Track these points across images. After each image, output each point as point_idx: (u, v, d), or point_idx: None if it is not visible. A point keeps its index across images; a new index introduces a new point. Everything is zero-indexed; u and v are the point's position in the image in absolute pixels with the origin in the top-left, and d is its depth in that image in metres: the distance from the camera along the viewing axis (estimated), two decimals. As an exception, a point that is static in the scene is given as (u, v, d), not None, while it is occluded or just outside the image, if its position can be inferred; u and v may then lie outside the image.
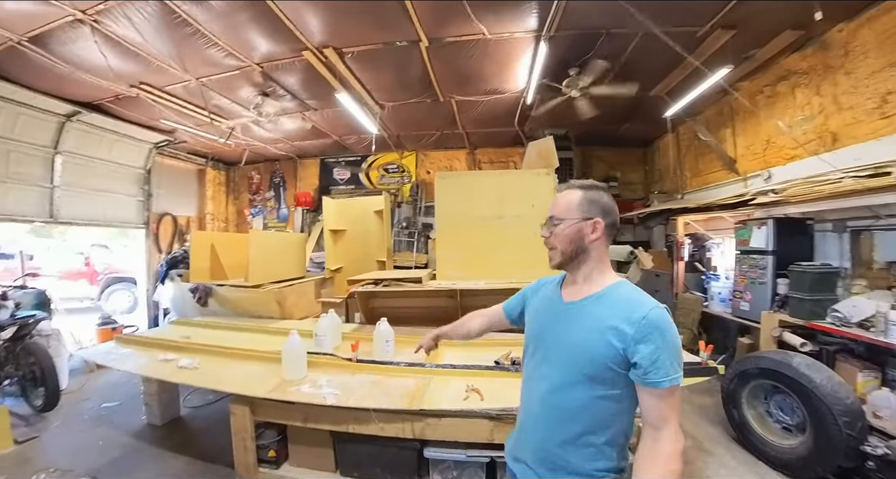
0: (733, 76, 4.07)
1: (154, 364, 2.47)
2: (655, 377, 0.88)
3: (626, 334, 0.91)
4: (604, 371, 0.93)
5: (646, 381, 0.89)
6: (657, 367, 0.88)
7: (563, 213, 1.04)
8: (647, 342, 0.89)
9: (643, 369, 0.89)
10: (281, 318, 3.52)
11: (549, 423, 1.01)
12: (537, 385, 1.05)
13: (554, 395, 1.00)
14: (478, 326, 1.41)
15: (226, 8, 2.84)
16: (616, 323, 0.93)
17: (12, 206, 4.32)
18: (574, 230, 1.02)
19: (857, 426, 2.15)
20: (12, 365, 3.31)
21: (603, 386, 0.94)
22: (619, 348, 0.91)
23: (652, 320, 0.90)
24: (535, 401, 1.05)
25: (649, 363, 0.88)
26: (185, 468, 2.53)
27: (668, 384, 0.88)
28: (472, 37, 3.23)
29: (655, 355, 0.88)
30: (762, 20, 3.15)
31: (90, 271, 7.95)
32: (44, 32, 3.10)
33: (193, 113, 4.72)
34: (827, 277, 2.96)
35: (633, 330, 0.90)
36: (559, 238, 1.03)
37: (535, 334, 1.11)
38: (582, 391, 0.96)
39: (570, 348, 0.99)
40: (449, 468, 1.83)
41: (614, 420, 0.97)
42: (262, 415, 2.00)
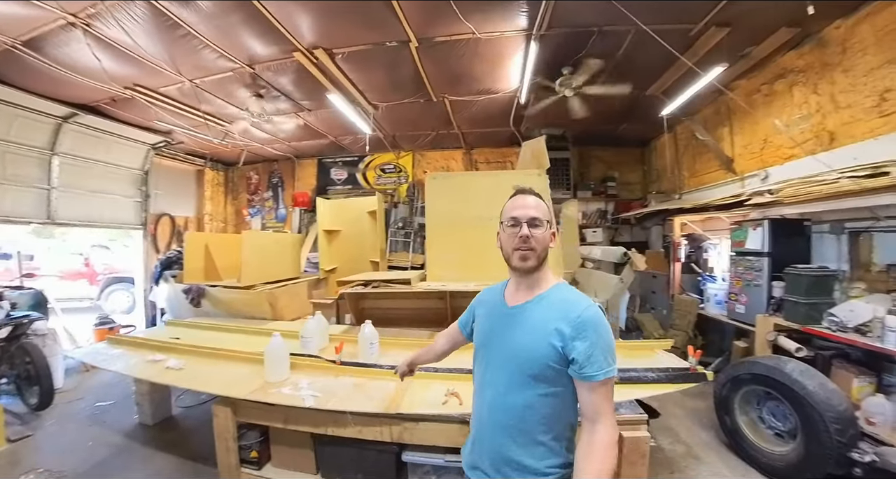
0: (730, 74, 4.02)
1: (142, 365, 2.48)
2: (590, 371, 0.93)
3: (564, 333, 0.96)
4: (546, 370, 0.97)
5: (582, 375, 0.94)
6: (591, 362, 0.93)
7: (544, 217, 1.06)
8: (582, 339, 0.94)
9: (579, 365, 0.94)
10: (273, 319, 3.53)
11: (499, 426, 1.03)
12: (485, 391, 1.08)
13: (500, 398, 1.03)
14: (441, 347, 1.43)
15: (215, 10, 2.84)
16: (555, 323, 0.97)
17: (9, 207, 4.36)
18: (549, 236, 1.07)
19: (849, 434, 2.11)
20: (7, 364, 3.35)
21: (546, 385, 0.98)
22: (559, 346, 0.96)
23: (586, 319, 0.96)
24: (485, 407, 1.07)
25: (585, 359, 0.93)
26: (173, 467, 2.55)
27: (603, 377, 0.93)
28: (461, 36, 3.20)
29: (590, 350, 0.93)
30: (757, 17, 3.10)
31: (90, 271, 8.03)
32: (37, 36, 3.13)
33: (189, 114, 4.74)
34: (823, 280, 2.90)
35: (570, 329, 0.95)
36: (539, 241, 1.04)
37: (480, 342, 1.14)
38: (526, 391, 0.99)
39: (514, 350, 1.02)
40: (428, 472, 1.81)
41: (559, 417, 1.01)
42: (244, 416, 2.00)
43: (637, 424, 1.72)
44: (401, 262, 6.00)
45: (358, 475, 1.91)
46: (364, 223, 4.65)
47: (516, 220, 1.05)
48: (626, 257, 3.45)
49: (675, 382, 2.05)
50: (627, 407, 1.79)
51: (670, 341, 2.64)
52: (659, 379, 2.04)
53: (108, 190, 5.52)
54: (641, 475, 1.70)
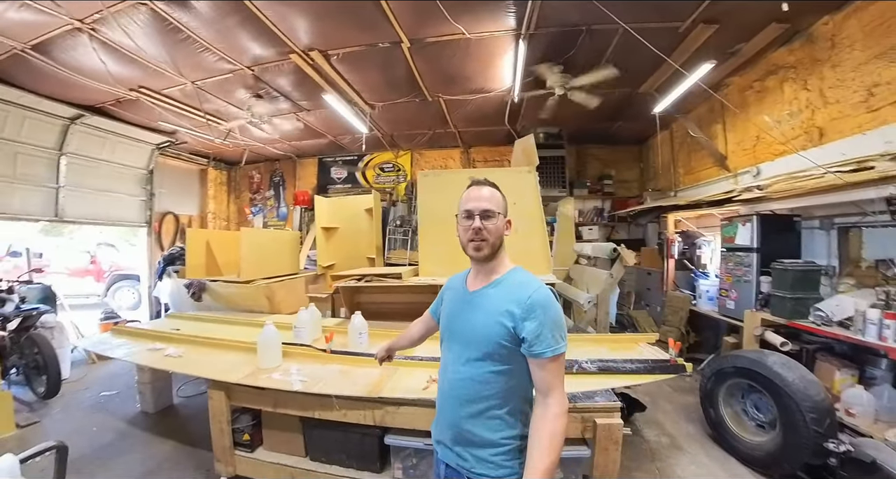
0: (722, 71, 4.04)
1: (143, 353, 2.59)
2: (539, 348, 0.99)
3: (514, 314, 1.01)
4: (499, 349, 1.03)
5: (532, 352, 1.00)
6: (540, 340, 0.99)
7: (497, 207, 1.11)
8: (531, 319, 0.99)
9: (529, 343, 0.99)
10: (270, 312, 3.63)
11: (457, 401, 1.09)
12: (447, 369, 1.15)
13: (458, 374, 1.09)
14: (417, 332, 1.51)
15: (214, 14, 2.94)
16: (507, 306, 1.03)
17: (19, 205, 4.52)
18: (502, 226, 1.12)
19: (825, 423, 2.15)
20: (17, 355, 3.49)
21: (499, 362, 1.04)
22: (510, 326, 1.02)
23: (536, 300, 1.01)
24: (446, 383, 1.15)
25: (534, 337, 0.99)
26: (170, 452, 2.67)
27: (551, 354, 0.99)
28: (452, 37, 3.27)
29: (539, 329, 0.99)
30: (745, 14, 3.12)
31: (96, 268, 8.23)
32: (45, 40, 3.26)
33: (191, 115, 4.87)
34: (809, 275, 2.93)
35: (521, 310, 1.01)
36: (491, 232, 1.09)
37: (444, 324, 1.21)
38: (481, 368, 1.05)
39: (471, 330, 1.09)
40: (409, 455, 1.89)
41: (513, 392, 1.06)
42: (237, 400, 2.10)
43: (611, 411, 1.77)
44: (399, 259, 6.08)
45: (343, 458, 1.99)
46: (361, 221, 4.74)
47: (469, 212, 1.10)
48: (615, 253, 3.50)
49: (653, 373, 2.10)
50: (603, 396, 1.84)
51: (655, 335, 2.68)
52: (637, 370, 2.09)
53: (114, 189, 5.68)
54: (615, 460, 1.76)
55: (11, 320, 3.53)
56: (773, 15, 3.14)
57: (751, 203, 3.61)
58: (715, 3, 2.91)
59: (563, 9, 2.91)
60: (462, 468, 1.07)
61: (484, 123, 5.48)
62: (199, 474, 2.41)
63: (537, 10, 2.88)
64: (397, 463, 1.91)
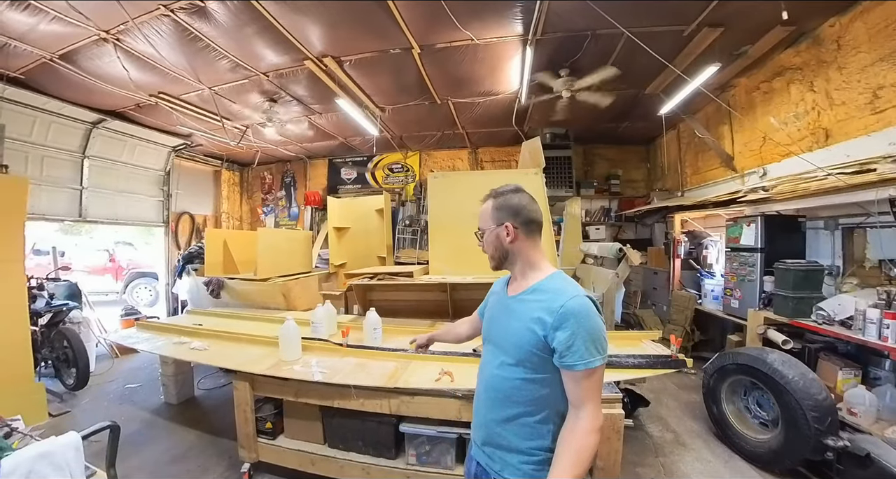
0: (728, 73, 4.08)
1: (169, 346, 2.75)
2: (570, 361, 0.94)
3: (546, 322, 0.98)
4: (531, 356, 1.01)
5: (563, 364, 0.96)
6: (572, 351, 0.94)
7: (483, 224, 1.16)
8: (563, 329, 0.95)
9: (559, 354, 0.96)
10: (286, 309, 3.77)
11: (490, 404, 1.10)
12: (483, 372, 1.16)
13: (493, 377, 1.10)
14: (465, 331, 1.51)
15: (232, 24, 3.08)
16: (539, 313, 1.01)
17: (45, 206, 4.75)
18: (493, 237, 1.13)
19: (827, 421, 2.18)
20: (48, 348, 3.69)
21: (531, 370, 1.02)
22: (541, 335, 0.99)
23: (569, 309, 0.96)
24: (481, 385, 1.16)
25: (565, 348, 0.95)
26: (195, 440, 2.83)
27: (583, 367, 0.94)
28: (461, 43, 3.37)
29: (570, 340, 0.94)
30: (751, 17, 3.16)
31: (115, 266, 8.51)
32: (72, 50, 3.43)
33: (207, 118, 5.04)
34: (812, 274, 2.97)
35: (552, 319, 0.97)
36: (487, 246, 1.15)
37: (486, 328, 1.22)
38: (514, 373, 1.04)
39: (506, 335, 1.09)
40: (423, 442, 2.00)
41: (546, 402, 1.03)
42: (260, 390, 2.23)
43: (613, 402, 1.86)
44: (408, 258, 6.20)
45: (360, 445, 2.11)
46: (372, 221, 4.87)
47: None
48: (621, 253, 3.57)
49: (655, 367, 2.18)
50: (606, 388, 1.93)
51: (658, 332, 2.76)
52: (639, 365, 2.17)
53: (134, 190, 5.90)
54: (617, 450, 1.85)
55: (42, 315, 3.74)
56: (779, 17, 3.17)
57: (756, 204, 3.65)
58: (720, 6, 2.96)
59: (569, 15, 2.99)
60: (490, 468, 1.08)
61: (491, 124, 5.57)
62: (222, 460, 2.56)
63: (544, 16, 2.96)
64: (411, 450, 2.03)
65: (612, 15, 2.83)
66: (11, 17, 2.96)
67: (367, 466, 2.09)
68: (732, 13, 3.08)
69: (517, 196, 1.13)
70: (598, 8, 2.73)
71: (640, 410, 3.15)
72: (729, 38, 3.39)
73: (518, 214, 1.10)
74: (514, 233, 1.10)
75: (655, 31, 3.20)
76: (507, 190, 1.15)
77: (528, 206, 1.12)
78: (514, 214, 1.10)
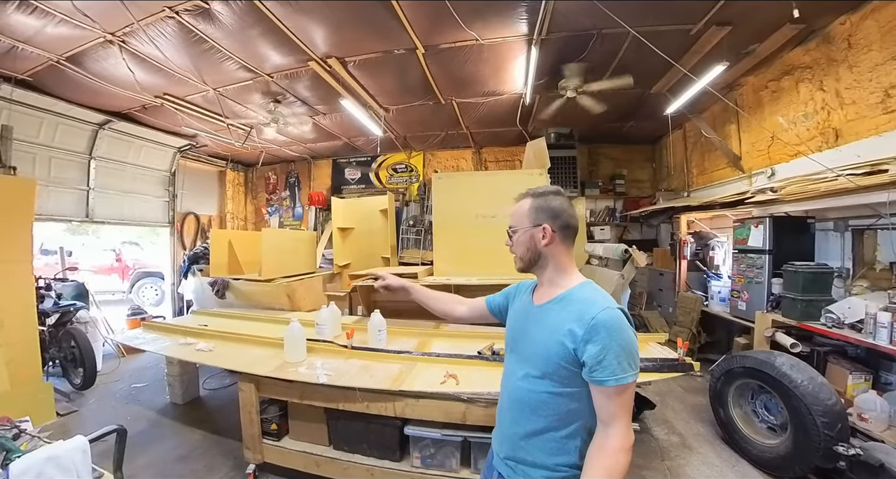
0: (736, 72, 4.04)
1: (175, 347, 2.77)
2: (601, 376, 0.90)
3: (576, 334, 0.94)
4: (559, 369, 0.97)
5: (593, 379, 0.92)
6: (603, 366, 0.90)
7: (516, 222, 1.11)
8: (594, 342, 0.91)
9: (589, 368, 0.92)
10: (291, 310, 3.78)
11: (515, 417, 1.06)
12: (507, 382, 1.12)
13: (518, 390, 1.06)
14: (461, 313, 1.43)
15: (237, 25, 3.08)
16: (569, 325, 0.96)
17: (53, 207, 4.79)
18: (527, 238, 1.08)
19: (837, 427, 2.14)
20: (55, 348, 3.72)
21: (559, 384, 0.98)
22: (571, 348, 0.95)
23: (601, 321, 0.92)
24: (505, 397, 1.12)
25: (595, 362, 0.91)
26: (200, 440, 2.85)
27: (615, 383, 0.89)
28: (465, 43, 3.36)
29: (602, 354, 0.90)
30: (759, 15, 3.12)
31: (121, 266, 8.59)
32: (79, 52, 3.46)
33: (212, 119, 5.06)
34: (821, 277, 2.93)
35: (583, 331, 0.93)
36: (517, 246, 1.11)
37: (510, 335, 1.18)
38: (541, 387, 1.00)
39: (532, 346, 1.05)
40: (427, 445, 2.00)
41: (573, 417, 0.98)
42: (265, 392, 2.24)
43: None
44: (412, 259, 6.20)
45: (365, 447, 2.11)
46: (376, 221, 4.86)
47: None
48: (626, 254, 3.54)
49: (661, 371, 2.16)
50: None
51: (664, 335, 2.74)
52: (646, 368, 2.15)
53: (139, 190, 5.95)
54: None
55: (50, 315, 3.77)
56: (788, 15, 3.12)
57: (764, 205, 3.60)
58: (728, 5, 2.92)
59: (575, 14, 2.97)
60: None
61: (496, 124, 5.55)
62: (228, 460, 2.58)
63: (549, 16, 2.94)
64: (416, 453, 2.03)
65: (619, 14, 2.80)
66: (19, 20, 2.98)
67: (372, 468, 2.09)
68: (740, 11, 3.05)
69: (558, 199, 1.09)
70: (604, 7, 2.70)
71: (646, 413, 3.13)
72: (737, 36, 3.34)
73: (558, 217, 1.06)
74: (551, 236, 1.06)
75: (662, 30, 3.17)
76: (548, 191, 1.11)
77: (568, 210, 1.08)
78: (554, 217, 1.06)
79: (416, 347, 2.48)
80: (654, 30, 3.11)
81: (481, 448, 1.92)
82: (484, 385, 1.89)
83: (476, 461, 1.97)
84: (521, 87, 4.22)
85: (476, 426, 1.89)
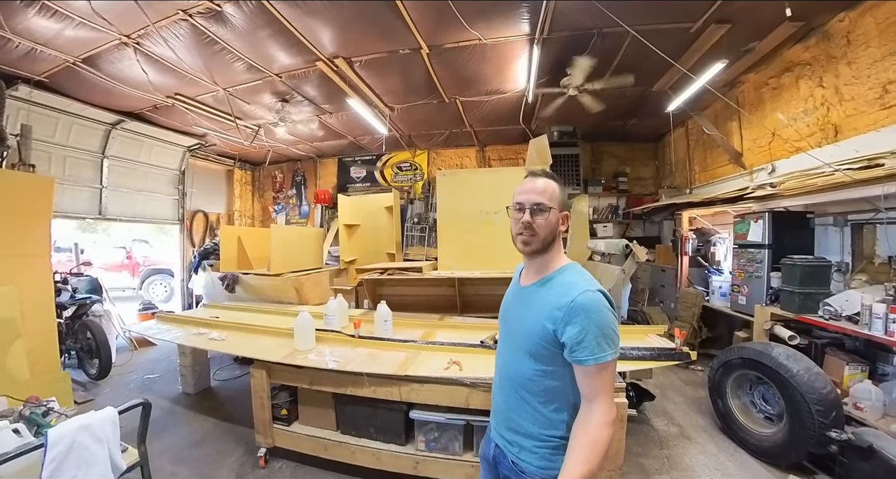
0: (736, 69, 4.08)
1: (189, 337, 2.88)
2: (581, 356, 0.94)
3: (557, 316, 0.97)
4: (541, 349, 1.01)
5: (573, 359, 0.96)
6: (583, 346, 0.93)
7: (550, 201, 1.05)
8: (573, 324, 0.94)
9: (570, 348, 0.96)
10: (298, 303, 3.89)
11: (507, 394, 1.12)
12: (500, 361, 1.19)
13: (507, 368, 1.12)
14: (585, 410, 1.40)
15: (247, 27, 3.19)
16: (550, 307, 0.99)
17: (68, 204, 4.94)
18: (556, 220, 1.06)
19: (832, 415, 2.20)
20: (72, 339, 3.86)
21: (542, 363, 1.02)
22: (551, 329, 0.98)
23: (579, 303, 0.95)
24: (498, 375, 1.19)
25: (575, 343, 0.94)
26: (212, 427, 2.96)
27: (594, 362, 0.93)
28: (468, 42, 3.43)
29: (581, 335, 0.93)
30: (758, 12, 3.16)
31: (131, 263, 8.76)
32: (94, 54, 3.58)
33: (221, 119, 5.19)
34: (819, 270, 2.98)
35: (563, 313, 0.96)
36: (543, 226, 1.05)
37: (502, 316, 1.22)
38: (526, 364, 1.04)
39: (518, 327, 1.09)
40: (432, 429, 2.08)
41: (558, 393, 1.03)
42: (276, 378, 2.33)
43: (617, 392, 1.91)
44: (416, 256, 6.29)
45: (371, 431, 2.20)
46: (381, 218, 4.96)
47: (521, 205, 1.06)
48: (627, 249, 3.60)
49: (659, 359, 2.23)
50: (610, 378, 1.98)
51: (664, 327, 2.80)
52: (644, 356, 2.22)
53: (150, 189, 6.09)
54: (620, 437, 1.90)
55: (67, 308, 3.91)
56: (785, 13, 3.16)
57: (764, 200, 3.64)
58: (726, 4, 2.97)
59: (576, 14, 3.03)
60: (509, 451, 1.10)
61: (499, 122, 5.62)
62: (239, 446, 2.68)
63: (550, 15, 3.01)
64: (421, 436, 2.11)
65: (619, 13, 2.87)
66: (39, 23, 3.10)
67: (378, 452, 2.17)
68: (739, 9, 3.09)
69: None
70: (603, 7, 2.77)
71: (646, 404, 3.18)
72: (736, 34, 3.39)
73: (568, 206, 1.12)
74: (567, 224, 1.09)
75: (662, 28, 3.23)
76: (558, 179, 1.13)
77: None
78: (568, 206, 1.11)
79: (421, 337, 2.56)
80: (654, 28, 3.17)
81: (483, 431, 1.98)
82: (486, 371, 1.96)
83: (478, 445, 2.05)
84: (524, 85, 4.28)
85: (478, 410, 1.97)
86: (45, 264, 3.28)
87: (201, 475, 2.40)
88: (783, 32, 3.41)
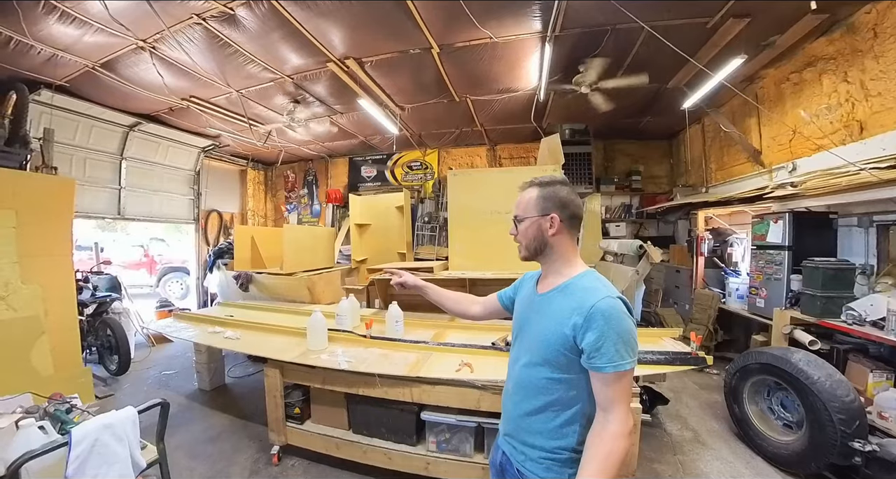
0: (756, 64, 3.95)
1: (204, 335, 2.94)
2: (599, 362, 0.93)
3: (576, 323, 0.96)
4: (558, 356, 1.00)
5: (591, 365, 0.94)
6: (601, 353, 0.92)
7: (523, 211, 1.12)
8: (592, 330, 0.93)
9: (588, 355, 0.94)
10: (311, 302, 3.93)
11: (517, 400, 1.11)
12: (512, 368, 1.17)
13: (521, 376, 1.10)
14: (476, 312, 1.46)
15: (260, 30, 3.22)
16: (570, 314, 0.99)
17: (88, 205, 5.09)
18: (535, 227, 1.09)
19: (855, 425, 2.12)
20: (93, 336, 3.98)
21: (558, 370, 1.01)
22: (570, 336, 0.97)
23: (599, 309, 0.94)
24: (510, 381, 1.17)
25: (593, 349, 0.93)
26: (227, 424, 3.02)
27: (612, 370, 0.92)
28: (479, 41, 3.40)
29: (600, 342, 0.92)
30: (779, 6, 3.05)
31: (149, 261, 8.98)
32: (112, 59, 3.66)
33: (235, 120, 5.27)
34: (842, 273, 2.87)
35: (582, 319, 0.95)
36: (523, 235, 1.12)
37: (516, 323, 1.21)
38: (541, 373, 1.04)
39: (534, 334, 1.08)
40: (443, 430, 2.08)
41: (572, 402, 1.01)
42: (290, 377, 2.37)
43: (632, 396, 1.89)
44: (427, 255, 6.30)
45: (383, 431, 2.21)
46: (392, 217, 4.98)
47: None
48: (641, 250, 3.53)
49: (674, 364, 2.18)
50: (624, 382, 1.95)
51: (678, 330, 2.74)
52: (659, 361, 2.18)
53: (166, 189, 6.23)
54: (633, 442, 1.88)
55: (88, 305, 4.03)
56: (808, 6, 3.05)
57: (784, 200, 3.54)
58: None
59: (588, 11, 2.98)
60: (515, 458, 1.10)
61: (510, 121, 5.57)
62: (253, 442, 2.73)
63: (562, 12, 2.96)
64: (431, 437, 2.11)
65: (632, 9, 2.80)
66: (59, 30, 3.18)
67: (389, 452, 2.19)
68: (759, 3, 2.99)
69: (565, 189, 1.11)
70: (618, 4, 2.71)
71: (659, 408, 3.13)
72: (755, 28, 3.28)
73: (565, 206, 1.08)
74: (558, 226, 1.08)
75: (677, 24, 3.15)
76: (555, 181, 1.12)
77: (575, 200, 1.10)
78: (562, 207, 1.08)
79: (432, 337, 2.57)
80: (670, 24, 3.09)
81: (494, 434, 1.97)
82: (498, 374, 1.96)
83: (489, 447, 2.05)
84: (535, 83, 4.23)
85: (489, 413, 1.97)
86: (68, 262, 3.38)
87: (216, 470, 2.45)
88: (805, 26, 3.29)
